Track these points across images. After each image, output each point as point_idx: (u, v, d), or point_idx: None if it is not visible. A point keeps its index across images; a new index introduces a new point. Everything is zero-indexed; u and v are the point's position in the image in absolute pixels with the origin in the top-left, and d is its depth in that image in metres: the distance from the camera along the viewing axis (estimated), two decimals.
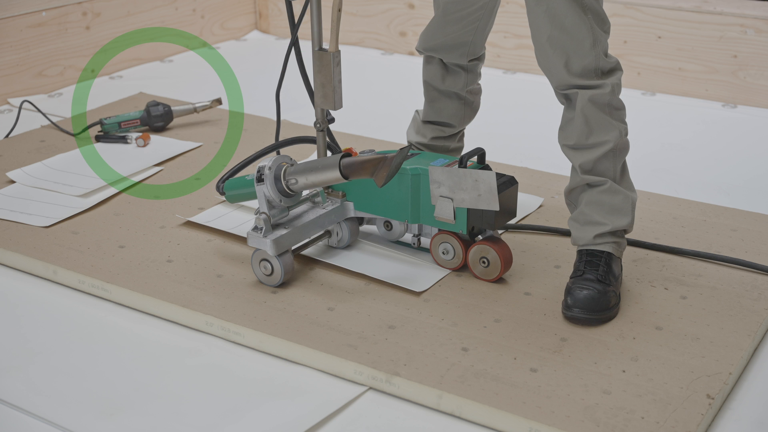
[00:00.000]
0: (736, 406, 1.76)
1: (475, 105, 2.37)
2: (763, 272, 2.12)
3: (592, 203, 2.02)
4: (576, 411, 1.68)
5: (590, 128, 1.99)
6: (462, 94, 2.33)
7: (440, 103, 2.33)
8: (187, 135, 2.94)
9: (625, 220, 2.02)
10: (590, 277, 1.94)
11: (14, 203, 2.45)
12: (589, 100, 1.97)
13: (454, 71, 2.30)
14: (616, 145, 2.00)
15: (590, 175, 2.02)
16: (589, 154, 2.00)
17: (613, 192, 2.01)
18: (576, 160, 2.03)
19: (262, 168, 2.04)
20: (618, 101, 2.00)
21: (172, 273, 2.13)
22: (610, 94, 1.98)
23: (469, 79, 2.32)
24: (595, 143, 1.99)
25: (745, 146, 2.99)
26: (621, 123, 2.01)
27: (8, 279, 2.19)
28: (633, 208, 2.03)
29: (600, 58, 1.96)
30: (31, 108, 3.15)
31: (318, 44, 2.11)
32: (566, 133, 2.03)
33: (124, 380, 1.82)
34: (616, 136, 1.99)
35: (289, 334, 1.89)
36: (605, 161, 2.00)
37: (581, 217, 2.04)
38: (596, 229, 2.01)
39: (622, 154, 2.03)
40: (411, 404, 1.76)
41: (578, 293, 1.92)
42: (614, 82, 1.98)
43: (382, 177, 1.90)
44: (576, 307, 1.91)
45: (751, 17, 3.26)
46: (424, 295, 2.04)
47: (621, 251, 2.03)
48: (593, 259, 1.98)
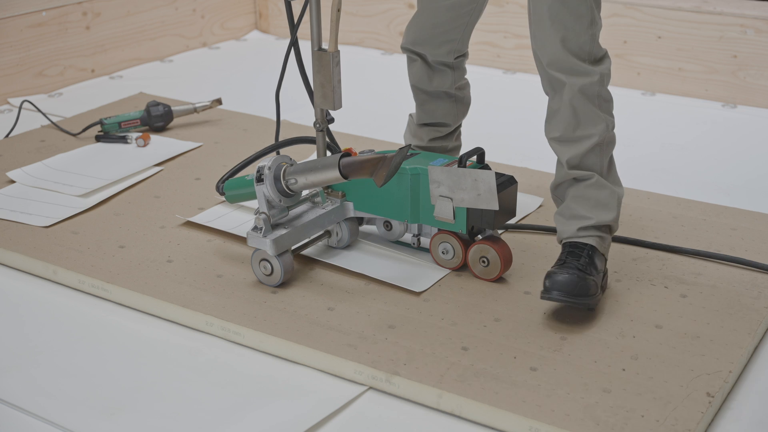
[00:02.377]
0: (736, 404, 1.76)
1: (466, 100, 2.36)
2: (762, 271, 2.12)
3: (578, 197, 2.02)
4: (576, 410, 1.68)
5: (578, 120, 1.98)
6: (451, 92, 2.31)
7: (431, 104, 2.32)
8: (187, 135, 2.94)
9: (610, 215, 2.01)
10: (571, 265, 1.94)
11: (14, 203, 2.45)
12: (579, 91, 1.96)
13: (440, 70, 2.28)
14: (603, 138, 1.99)
15: (577, 170, 2.01)
16: (576, 148, 2.00)
17: (600, 186, 2.01)
18: (563, 155, 2.02)
19: (262, 168, 2.04)
20: (607, 92, 2.00)
21: (172, 273, 2.13)
22: (599, 84, 1.97)
23: (456, 76, 2.31)
24: (581, 136, 1.99)
25: (745, 146, 2.99)
26: (608, 115, 2.01)
27: (8, 279, 2.19)
28: (619, 203, 2.03)
29: (594, 40, 1.96)
30: (31, 108, 3.15)
31: (317, 44, 2.11)
32: (552, 125, 2.03)
33: (125, 380, 1.82)
34: (602, 129, 1.98)
35: (289, 334, 1.89)
36: (592, 156, 2.00)
37: (566, 211, 2.03)
38: (580, 223, 2.00)
39: (609, 148, 2.02)
40: (411, 404, 1.76)
41: (557, 276, 1.91)
42: (603, 71, 1.98)
43: (381, 177, 1.90)
44: (554, 290, 1.90)
45: (751, 17, 3.26)
46: (424, 294, 2.04)
47: (605, 247, 2.01)
48: (575, 251, 1.97)
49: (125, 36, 3.71)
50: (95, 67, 3.62)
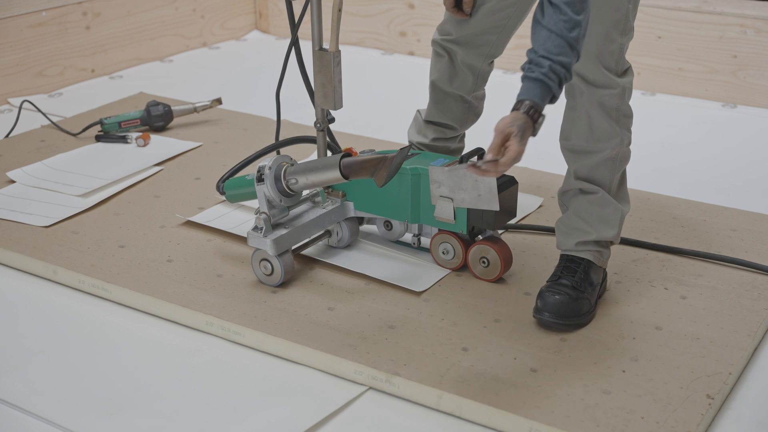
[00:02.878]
0: (736, 406, 1.76)
1: (478, 110, 2.35)
2: (762, 272, 2.12)
3: (581, 211, 2.00)
4: (576, 411, 1.68)
5: (592, 131, 1.95)
6: (468, 98, 2.30)
7: (445, 104, 2.31)
8: (187, 135, 2.94)
9: (612, 232, 1.99)
10: (565, 283, 1.93)
11: (14, 203, 2.45)
12: (598, 103, 1.92)
13: (463, 73, 2.25)
14: (617, 154, 1.96)
15: (584, 182, 1.99)
16: (586, 159, 1.97)
17: (604, 203, 1.98)
18: (572, 164, 2.00)
19: (263, 168, 2.04)
20: (627, 108, 1.96)
21: (172, 273, 2.13)
22: (619, 98, 1.93)
23: (477, 84, 2.28)
24: (594, 149, 1.96)
25: (745, 146, 2.99)
26: (626, 131, 1.97)
27: (8, 279, 2.19)
28: (621, 221, 2.00)
29: (624, 51, 1.91)
30: (31, 108, 3.15)
31: (318, 44, 2.11)
32: (566, 132, 2.00)
33: (125, 380, 1.82)
34: (616, 144, 1.95)
35: (289, 334, 1.89)
36: (602, 169, 1.97)
37: (568, 222, 2.02)
38: (580, 237, 1.99)
39: (621, 164, 1.99)
40: (411, 404, 1.76)
41: (549, 297, 1.90)
42: (626, 85, 1.93)
43: (382, 177, 1.90)
44: (546, 311, 1.90)
45: (751, 17, 3.26)
46: (424, 295, 2.04)
47: (603, 261, 2.00)
48: (571, 265, 1.97)
49: (125, 36, 3.71)
50: (95, 67, 3.62)
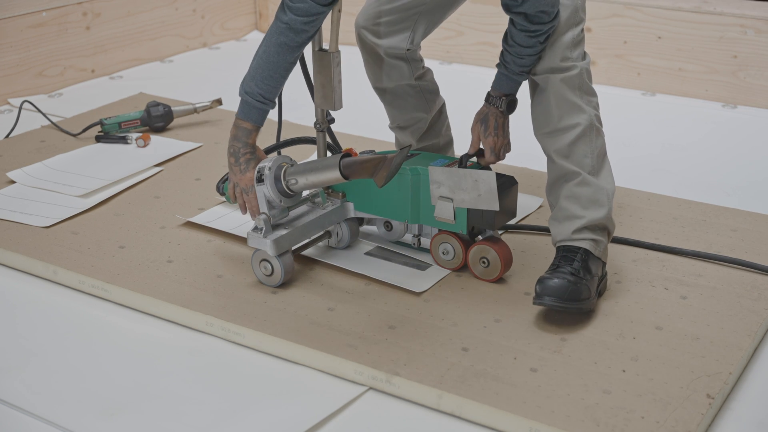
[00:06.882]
0: (736, 405, 1.76)
1: (431, 86, 2.35)
2: (763, 272, 2.12)
3: (569, 197, 2.01)
4: (576, 411, 1.68)
5: (561, 110, 2.00)
6: (413, 83, 2.31)
7: (398, 101, 2.32)
8: (187, 135, 2.94)
9: (601, 212, 2.00)
10: (564, 270, 1.93)
11: (14, 203, 2.45)
12: (561, 81, 1.99)
13: (396, 66, 2.27)
14: (590, 128, 2.00)
15: (566, 161, 2.01)
16: (563, 138, 2.01)
17: (587, 184, 2.00)
18: (551, 146, 2.03)
19: (262, 168, 2.04)
20: (588, 86, 2.03)
21: (172, 273, 2.13)
22: (579, 77, 2.00)
23: (414, 67, 2.30)
24: (567, 126, 2.00)
25: (746, 147, 2.99)
26: (593, 109, 2.03)
27: (8, 279, 2.19)
28: (609, 199, 2.01)
29: (579, 39, 2.02)
30: (31, 108, 3.15)
31: (318, 44, 2.11)
32: (537, 121, 2.05)
33: (125, 380, 1.82)
34: (586, 119, 2.00)
35: (289, 334, 1.89)
36: (580, 145, 2.00)
37: (559, 213, 2.03)
38: (573, 224, 1.99)
39: (597, 141, 2.02)
40: (411, 404, 1.76)
41: (548, 281, 1.90)
42: (584, 66, 2.02)
43: (382, 177, 1.90)
44: (546, 295, 1.90)
45: (751, 17, 3.26)
46: (424, 295, 2.04)
47: (600, 251, 2.00)
48: (569, 254, 1.97)
49: (125, 36, 3.71)
50: (95, 68, 3.62)
